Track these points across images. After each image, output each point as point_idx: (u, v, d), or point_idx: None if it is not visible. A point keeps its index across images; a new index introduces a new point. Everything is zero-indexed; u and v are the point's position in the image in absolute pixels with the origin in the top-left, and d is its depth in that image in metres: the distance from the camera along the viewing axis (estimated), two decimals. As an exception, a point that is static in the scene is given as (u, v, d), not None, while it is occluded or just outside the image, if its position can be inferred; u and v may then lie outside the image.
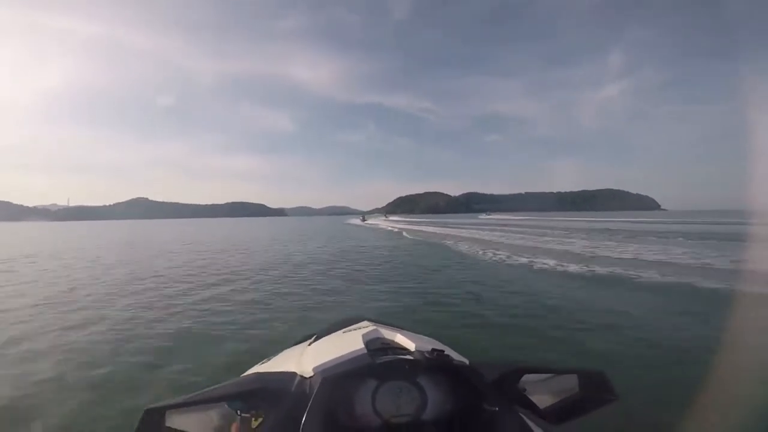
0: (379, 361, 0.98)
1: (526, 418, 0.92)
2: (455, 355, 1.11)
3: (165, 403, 0.85)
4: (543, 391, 1.08)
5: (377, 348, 1.12)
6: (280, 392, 0.93)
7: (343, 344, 1.16)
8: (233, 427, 0.86)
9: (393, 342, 1.19)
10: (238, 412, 0.87)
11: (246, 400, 0.89)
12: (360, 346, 1.08)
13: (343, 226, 48.67)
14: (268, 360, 1.48)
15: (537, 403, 1.01)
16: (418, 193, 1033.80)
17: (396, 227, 38.25)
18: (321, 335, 1.52)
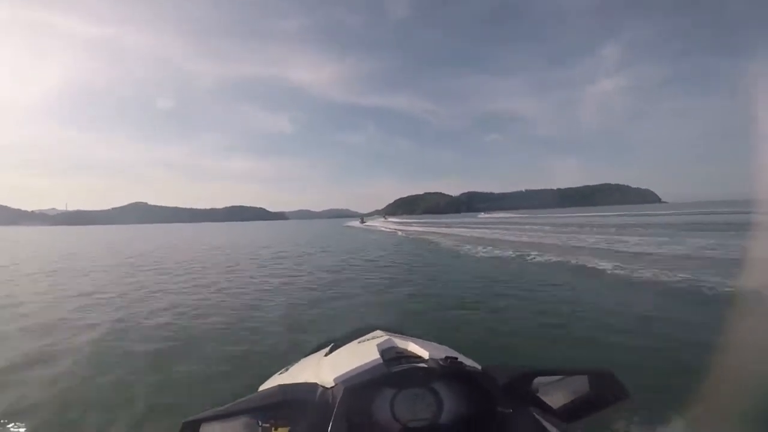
0: (396, 370, 1.01)
1: (539, 418, 0.94)
2: (467, 361, 1.13)
3: (200, 415, 0.91)
4: (554, 392, 1.10)
5: (392, 357, 1.15)
6: (304, 403, 0.97)
7: (359, 354, 1.19)
8: None
9: (407, 351, 1.22)
10: (264, 423, 0.92)
11: (273, 412, 0.94)
12: (376, 356, 1.11)
13: (343, 229, 49.17)
14: (286, 370, 1.50)
15: (549, 404, 1.03)
16: (419, 193, 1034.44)
17: (391, 228, 41.24)
18: (337, 345, 1.54)
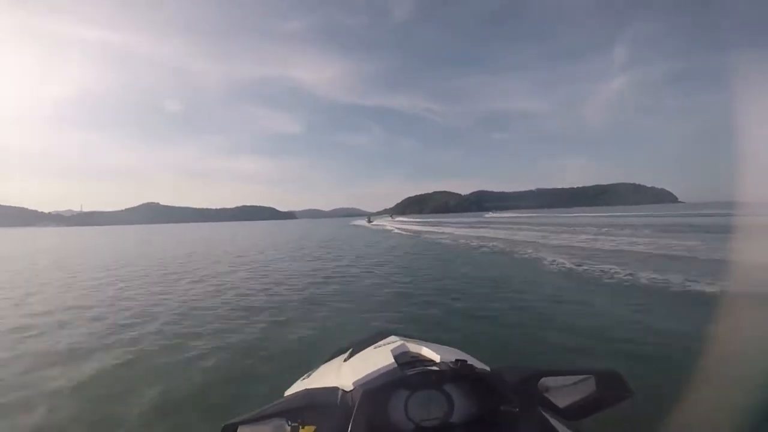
0: (410, 374, 1.10)
1: (547, 417, 1.00)
2: (477, 363, 1.21)
3: (238, 419, 1.00)
4: (561, 392, 1.15)
5: (406, 361, 1.24)
6: (327, 406, 1.07)
7: (375, 359, 1.29)
8: None
9: (420, 355, 1.32)
10: (292, 423, 1.00)
11: (299, 414, 1.03)
12: (391, 360, 1.21)
13: (350, 228, 48.23)
14: (309, 376, 1.61)
15: (556, 403, 1.09)
16: (427, 192, 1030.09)
17: (398, 227, 40.77)
18: (355, 351, 1.63)
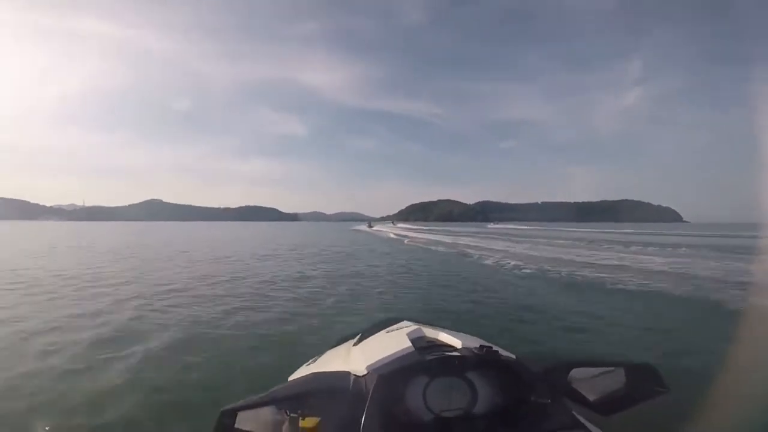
0: (430, 358, 1.02)
1: (575, 411, 0.94)
2: (501, 351, 1.12)
3: (237, 404, 0.93)
4: (591, 384, 1.08)
5: (424, 346, 1.15)
6: (336, 391, 0.98)
7: (390, 343, 1.19)
8: (296, 425, 0.91)
9: (438, 340, 1.22)
10: (292, 413, 0.92)
11: (304, 400, 0.94)
12: (407, 344, 1.12)
13: (351, 233, 47.73)
14: (315, 361, 1.51)
15: (586, 396, 1.02)
16: (432, 200, 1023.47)
17: (397, 233, 39.28)
18: (365, 335, 1.54)
